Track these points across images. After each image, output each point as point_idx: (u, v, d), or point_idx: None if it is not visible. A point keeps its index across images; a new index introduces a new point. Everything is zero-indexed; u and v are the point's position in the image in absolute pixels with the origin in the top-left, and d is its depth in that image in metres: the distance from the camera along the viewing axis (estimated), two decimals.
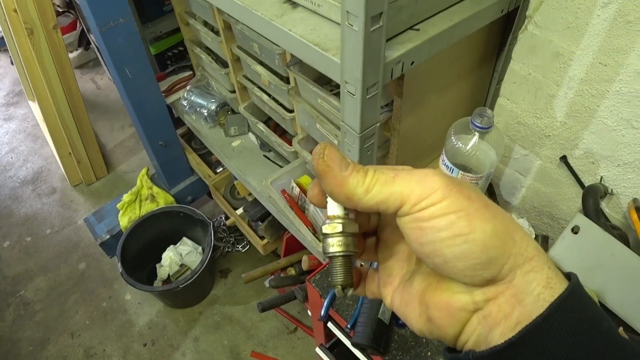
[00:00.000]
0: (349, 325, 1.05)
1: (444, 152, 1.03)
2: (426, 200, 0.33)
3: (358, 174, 0.36)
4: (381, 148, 1.25)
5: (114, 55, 1.72)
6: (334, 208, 0.38)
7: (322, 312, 1.09)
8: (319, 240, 1.47)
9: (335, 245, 0.37)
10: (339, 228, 0.37)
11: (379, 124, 0.97)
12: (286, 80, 1.46)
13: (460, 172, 1.00)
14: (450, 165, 1.01)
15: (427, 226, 0.33)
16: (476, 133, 0.97)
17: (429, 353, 1.04)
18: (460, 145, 0.99)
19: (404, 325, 1.07)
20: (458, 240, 0.33)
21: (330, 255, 0.38)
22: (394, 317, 1.06)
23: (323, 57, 0.93)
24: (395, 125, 1.13)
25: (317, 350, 1.35)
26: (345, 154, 0.38)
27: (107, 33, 1.65)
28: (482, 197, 0.34)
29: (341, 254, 0.38)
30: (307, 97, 1.35)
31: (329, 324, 1.21)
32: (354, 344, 0.99)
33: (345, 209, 0.38)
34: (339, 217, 0.38)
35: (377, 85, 0.89)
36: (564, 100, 1.17)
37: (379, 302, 1.01)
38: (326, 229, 0.38)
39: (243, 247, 2.44)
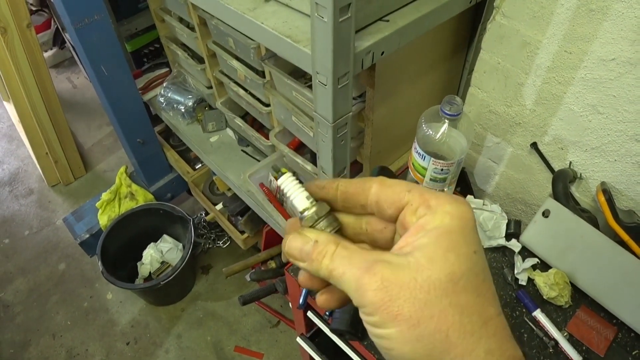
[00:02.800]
0: (327, 313, 1.07)
1: (415, 140, 1.05)
2: (362, 308, 0.34)
3: (314, 264, 0.38)
4: (355, 139, 1.27)
5: (90, 52, 1.72)
6: (300, 202, 0.41)
7: (301, 300, 1.10)
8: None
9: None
10: (314, 215, 0.40)
11: (351, 113, 0.98)
12: (262, 74, 1.47)
13: (432, 159, 1.02)
14: (422, 153, 1.03)
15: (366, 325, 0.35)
16: (446, 121, 0.99)
17: None
18: (431, 133, 1.01)
19: None
20: (383, 350, 0.35)
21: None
22: None
23: (295, 49, 0.94)
24: (368, 116, 1.15)
25: (298, 339, 1.37)
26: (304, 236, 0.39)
27: (81, 30, 1.64)
28: (414, 314, 0.33)
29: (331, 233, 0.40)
30: (283, 90, 1.36)
31: (309, 313, 1.22)
32: (332, 330, 1.01)
33: (308, 197, 0.41)
34: (308, 208, 0.41)
35: (347, 75, 0.91)
36: (533, 88, 1.20)
37: None
38: (305, 222, 0.40)
39: (224, 242, 2.45)
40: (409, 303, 0.33)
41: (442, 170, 1.04)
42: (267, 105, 1.52)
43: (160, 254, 2.29)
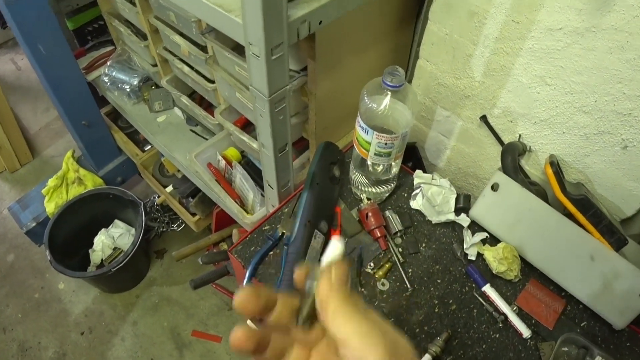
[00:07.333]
0: None
1: (359, 114, 1.01)
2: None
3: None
4: (300, 114, 1.22)
5: (24, 30, 1.61)
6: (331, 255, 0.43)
7: (245, 283, 1.06)
8: (247, 212, 1.44)
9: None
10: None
11: (288, 87, 0.93)
12: (205, 49, 1.41)
13: (376, 133, 0.98)
14: (365, 127, 0.99)
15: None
16: (388, 92, 0.95)
17: None
18: (374, 106, 0.97)
19: None
20: None
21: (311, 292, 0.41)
22: None
23: (226, 19, 0.89)
24: (311, 90, 1.11)
25: (249, 323, 1.33)
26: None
27: (14, 6, 1.54)
28: None
29: None
30: (225, 66, 1.30)
31: None
32: None
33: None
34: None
35: (282, 46, 0.85)
36: (481, 59, 1.18)
37: None
38: (315, 269, 0.42)
39: (178, 226, 2.38)
40: None
41: (386, 144, 1.00)
42: (213, 82, 1.46)
43: (112, 239, 2.21)
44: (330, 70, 1.12)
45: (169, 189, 1.94)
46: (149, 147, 2.08)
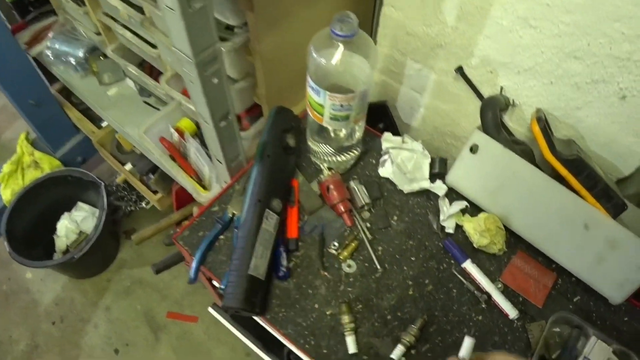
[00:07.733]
0: (222, 287, 0.90)
1: (307, 74, 0.86)
2: None
3: None
4: (251, 77, 1.07)
5: None
6: None
7: (192, 274, 0.93)
8: (204, 188, 1.30)
9: None
10: None
11: (220, 45, 0.78)
12: (143, 11, 1.24)
13: (329, 93, 0.84)
14: (316, 87, 0.84)
15: None
16: (340, 44, 0.80)
17: (316, 305, 0.91)
18: (323, 61, 0.82)
19: (285, 277, 0.93)
20: None
21: None
22: (273, 269, 0.91)
23: None
24: (255, 47, 0.95)
25: (210, 310, 1.20)
26: None
27: None
28: None
29: None
30: (163, 27, 1.14)
31: (214, 282, 1.06)
32: (223, 308, 0.84)
33: None
34: None
35: None
36: (453, 0, 1.03)
37: (249, 256, 0.86)
38: None
39: (147, 203, 2.23)
40: None
41: (342, 106, 0.85)
42: (157, 47, 1.30)
43: (75, 224, 2.08)
44: (275, 23, 0.96)
45: (128, 166, 1.79)
46: (106, 123, 1.92)
